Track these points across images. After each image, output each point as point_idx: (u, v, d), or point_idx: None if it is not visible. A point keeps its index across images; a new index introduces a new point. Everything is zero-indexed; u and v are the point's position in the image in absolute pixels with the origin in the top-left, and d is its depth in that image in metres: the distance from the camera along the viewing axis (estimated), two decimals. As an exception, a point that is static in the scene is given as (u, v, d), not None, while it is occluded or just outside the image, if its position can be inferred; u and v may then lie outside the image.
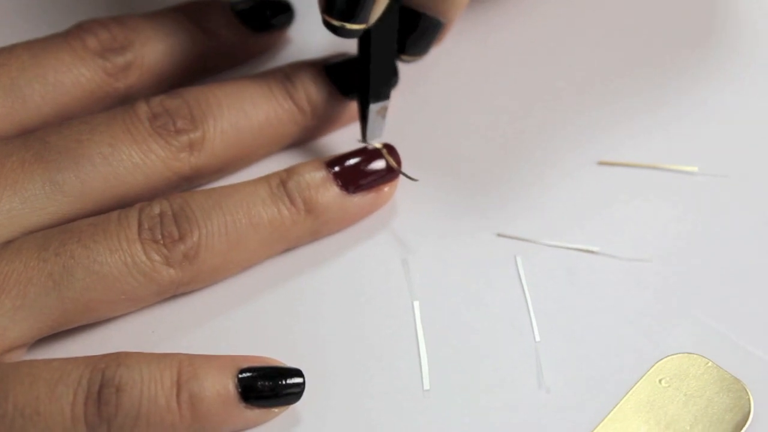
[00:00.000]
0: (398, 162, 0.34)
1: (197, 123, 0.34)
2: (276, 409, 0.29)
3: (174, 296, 0.32)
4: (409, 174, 0.34)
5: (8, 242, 0.30)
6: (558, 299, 0.33)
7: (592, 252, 0.34)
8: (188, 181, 0.34)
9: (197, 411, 0.28)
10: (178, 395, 0.27)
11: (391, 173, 0.34)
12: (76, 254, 0.30)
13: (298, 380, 0.29)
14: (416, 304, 0.32)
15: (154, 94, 0.36)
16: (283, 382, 0.29)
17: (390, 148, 0.34)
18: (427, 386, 0.31)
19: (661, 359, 0.31)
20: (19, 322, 0.29)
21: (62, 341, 0.31)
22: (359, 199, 0.33)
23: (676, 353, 0.31)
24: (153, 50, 0.36)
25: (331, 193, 0.33)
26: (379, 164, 0.34)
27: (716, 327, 0.32)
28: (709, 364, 0.31)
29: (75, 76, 0.35)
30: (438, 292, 0.33)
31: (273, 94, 0.35)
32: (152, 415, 0.27)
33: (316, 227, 0.33)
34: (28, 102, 0.34)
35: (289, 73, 0.36)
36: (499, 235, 0.34)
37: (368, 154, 0.34)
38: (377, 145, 0.34)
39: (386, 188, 0.34)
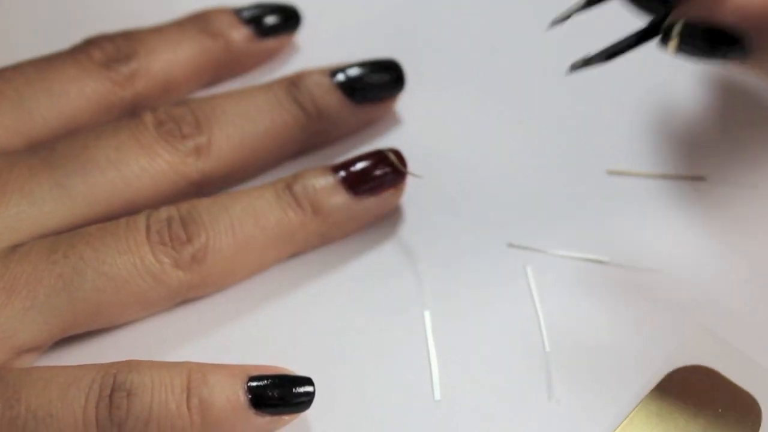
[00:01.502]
0: (404, 165, 0.34)
1: (203, 128, 0.34)
2: (286, 417, 0.29)
3: (184, 303, 0.32)
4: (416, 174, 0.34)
5: (18, 245, 0.30)
6: (568, 310, 0.33)
7: (602, 262, 0.34)
8: (197, 187, 0.34)
9: (207, 416, 0.28)
10: (188, 401, 0.27)
11: (398, 176, 0.34)
12: (86, 256, 0.30)
13: (308, 388, 0.29)
14: (427, 313, 0.32)
15: (162, 102, 0.37)
16: (293, 390, 0.29)
17: (396, 153, 0.34)
18: (438, 396, 0.31)
19: (671, 371, 0.31)
20: (29, 323, 0.29)
21: (74, 349, 0.31)
22: (367, 202, 0.33)
23: (686, 365, 0.31)
24: (159, 58, 0.36)
25: (337, 197, 0.33)
26: (385, 167, 0.33)
27: (726, 339, 0.32)
28: (719, 376, 0.31)
29: (80, 87, 0.35)
30: (449, 302, 0.33)
31: (278, 99, 0.35)
32: (162, 420, 0.27)
33: (324, 230, 0.33)
34: (34, 114, 0.34)
35: (294, 80, 0.36)
36: (509, 245, 0.34)
37: (374, 158, 0.34)
38: (383, 148, 0.34)
39: (393, 191, 0.34)
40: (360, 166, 0.33)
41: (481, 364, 0.31)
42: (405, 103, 0.37)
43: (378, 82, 0.36)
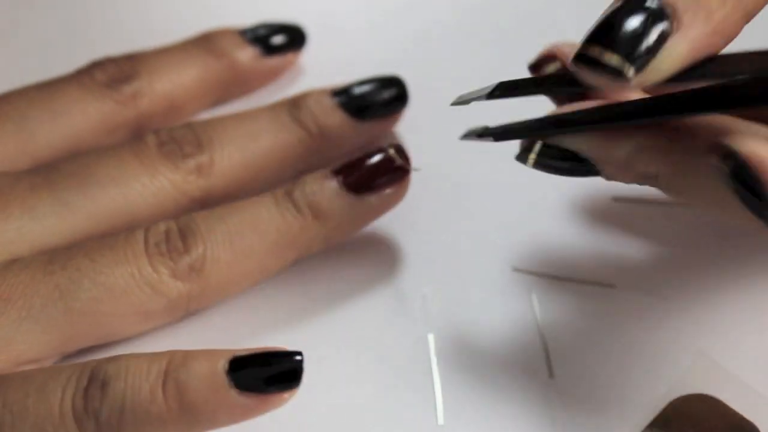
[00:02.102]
0: (408, 161, 0.33)
1: (204, 148, 0.34)
2: (275, 397, 0.27)
3: (189, 316, 0.32)
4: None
5: (18, 259, 0.30)
6: (572, 335, 0.33)
7: (608, 287, 0.34)
8: (199, 205, 0.34)
9: (185, 400, 0.26)
10: (164, 385, 0.26)
11: (399, 172, 0.33)
12: (83, 266, 0.30)
13: (294, 363, 0.27)
14: (431, 336, 0.32)
15: (166, 121, 0.37)
16: (278, 365, 0.27)
17: (397, 148, 0.33)
18: (441, 421, 0.31)
19: (674, 399, 0.31)
20: (25, 333, 0.29)
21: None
22: (368, 202, 0.32)
23: (688, 393, 0.31)
24: (162, 78, 0.36)
25: (337, 197, 0.32)
26: (386, 164, 0.33)
27: (729, 368, 0.32)
28: (721, 404, 0.31)
29: (83, 107, 0.35)
30: (453, 326, 0.33)
31: (280, 119, 0.35)
32: (137, 406, 0.26)
33: (326, 232, 0.32)
34: (38, 135, 0.34)
35: (295, 100, 0.36)
36: (514, 269, 0.34)
37: (374, 155, 0.33)
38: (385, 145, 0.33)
39: (395, 188, 0.33)
40: (360, 164, 0.33)
41: (484, 388, 0.31)
42: (407, 120, 0.37)
43: (381, 99, 0.36)
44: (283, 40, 0.39)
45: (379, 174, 0.32)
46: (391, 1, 0.44)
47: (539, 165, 0.30)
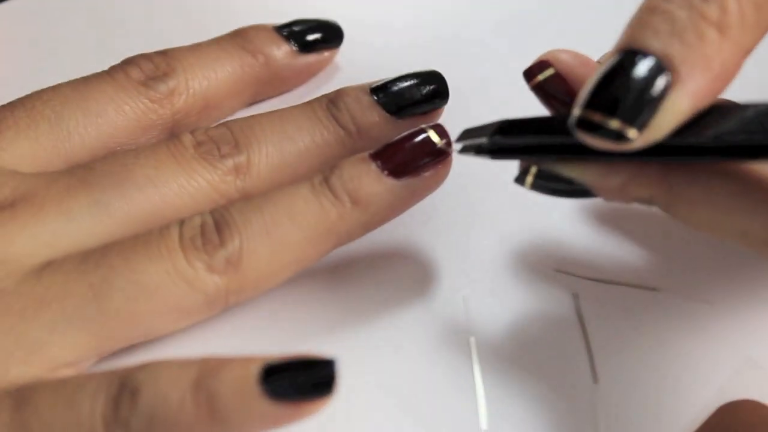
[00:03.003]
0: (448, 142, 0.32)
1: (241, 148, 0.33)
2: (309, 405, 0.26)
3: (226, 311, 0.31)
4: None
5: (52, 261, 0.30)
6: (617, 339, 0.32)
7: (653, 290, 0.33)
8: None
9: (216, 408, 0.25)
10: (195, 394, 0.26)
11: (439, 154, 0.32)
12: (116, 265, 0.29)
13: (329, 371, 0.26)
14: (472, 339, 0.32)
15: (202, 119, 0.36)
16: (311, 374, 0.26)
17: (438, 128, 0.32)
18: (484, 426, 0.30)
19: (721, 405, 0.30)
20: (60, 335, 0.28)
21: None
22: (407, 185, 0.31)
23: (736, 399, 0.30)
24: (197, 75, 0.36)
25: (376, 182, 0.31)
26: (426, 146, 0.32)
27: (778, 373, 0.31)
28: (770, 410, 0.30)
29: (118, 105, 0.34)
30: (495, 329, 0.32)
31: (317, 117, 0.35)
32: (167, 416, 0.25)
33: (366, 218, 0.31)
34: (73, 134, 0.34)
35: (333, 98, 0.35)
36: (557, 270, 0.34)
37: (414, 137, 0.32)
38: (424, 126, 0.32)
39: (435, 170, 0.32)
40: (399, 147, 0.32)
41: (528, 392, 0.31)
42: (447, 116, 0.36)
43: (421, 96, 0.35)
44: (319, 36, 0.39)
45: (419, 156, 0.31)
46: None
47: (537, 187, 0.30)
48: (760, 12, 0.25)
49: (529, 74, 0.30)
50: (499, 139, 0.29)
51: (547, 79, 0.30)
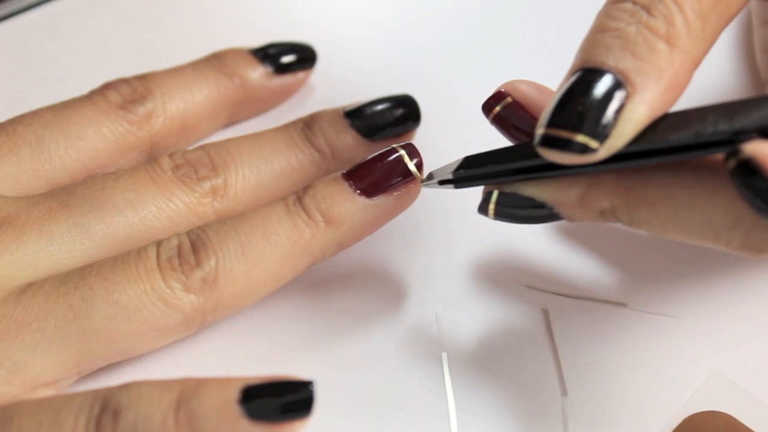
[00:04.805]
0: (419, 161, 0.32)
1: (219, 170, 0.34)
2: (286, 426, 0.26)
3: (204, 329, 0.32)
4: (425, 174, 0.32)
5: (33, 282, 0.30)
6: (586, 353, 0.33)
7: (621, 305, 0.34)
8: None
9: (195, 429, 0.26)
10: (176, 414, 0.26)
11: (411, 173, 0.32)
12: (95, 286, 0.30)
13: (306, 394, 0.26)
14: (444, 355, 0.33)
15: (180, 141, 0.37)
16: (290, 396, 0.26)
17: (409, 148, 0.33)
18: (455, 439, 0.31)
19: (688, 416, 0.31)
20: (41, 356, 0.29)
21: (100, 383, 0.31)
22: (379, 202, 0.32)
23: (703, 410, 0.31)
24: (174, 97, 0.37)
25: (349, 201, 0.32)
26: (397, 165, 0.32)
27: (742, 385, 0.32)
28: (735, 421, 0.31)
29: (97, 128, 0.35)
30: (467, 344, 0.33)
31: (293, 140, 0.35)
32: None
33: (340, 237, 0.32)
34: (54, 157, 0.34)
35: (308, 121, 0.36)
36: (528, 286, 0.35)
37: (386, 157, 0.32)
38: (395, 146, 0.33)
39: (408, 188, 0.32)
40: (371, 167, 0.32)
41: (499, 405, 0.31)
42: (419, 138, 0.37)
43: (393, 119, 0.36)
44: (293, 58, 0.39)
45: (390, 175, 0.32)
46: (400, 19, 0.45)
47: (500, 214, 0.30)
48: (706, 23, 0.27)
49: (488, 107, 0.31)
50: (463, 173, 0.30)
51: (505, 107, 0.30)
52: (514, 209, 0.30)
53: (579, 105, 0.26)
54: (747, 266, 0.35)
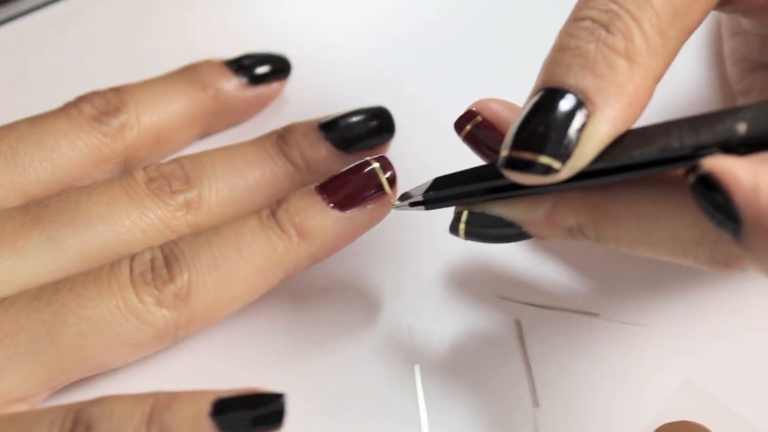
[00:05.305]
0: (393, 174, 0.33)
1: (192, 183, 0.34)
2: None
3: (179, 342, 0.32)
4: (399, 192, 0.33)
5: (6, 298, 0.30)
6: (558, 364, 0.33)
7: (593, 315, 0.34)
8: None
9: None
10: (148, 428, 0.26)
11: (383, 186, 0.32)
12: (68, 301, 0.30)
13: (277, 406, 0.27)
14: (417, 367, 0.33)
15: (154, 153, 0.37)
16: (261, 409, 0.27)
17: (382, 160, 0.33)
18: (428, 452, 0.31)
19: (660, 425, 0.31)
20: (13, 370, 0.29)
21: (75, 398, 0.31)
22: (353, 215, 0.32)
23: (674, 420, 0.31)
24: (149, 109, 0.37)
25: (322, 215, 0.32)
26: (370, 179, 0.32)
27: (714, 395, 0.32)
28: (706, 431, 0.31)
29: (72, 141, 0.35)
30: (439, 356, 0.33)
31: (267, 153, 0.36)
32: None
33: (313, 250, 0.32)
34: (28, 169, 0.34)
35: (282, 133, 0.36)
36: (500, 297, 0.35)
37: (359, 170, 0.33)
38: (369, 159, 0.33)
39: (381, 201, 0.32)
40: (344, 180, 0.32)
41: (471, 418, 0.32)
42: (394, 150, 0.37)
43: (368, 131, 0.36)
44: (267, 69, 0.39)
45: (364, 188, 0.32)
46: (375, 31, 0.45)
47: (470, 234, 0.31)
48: (666, 38, 0.27)
49: (459, 125, 0.31)
50: (433, 194, 0.31)
51: (476, 126, 0.31)
52: (484, 228, 0.30)
53: (541, 126, 0.26)
54: (719, 276, 0.35)
